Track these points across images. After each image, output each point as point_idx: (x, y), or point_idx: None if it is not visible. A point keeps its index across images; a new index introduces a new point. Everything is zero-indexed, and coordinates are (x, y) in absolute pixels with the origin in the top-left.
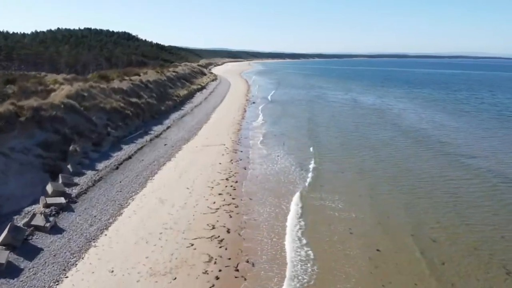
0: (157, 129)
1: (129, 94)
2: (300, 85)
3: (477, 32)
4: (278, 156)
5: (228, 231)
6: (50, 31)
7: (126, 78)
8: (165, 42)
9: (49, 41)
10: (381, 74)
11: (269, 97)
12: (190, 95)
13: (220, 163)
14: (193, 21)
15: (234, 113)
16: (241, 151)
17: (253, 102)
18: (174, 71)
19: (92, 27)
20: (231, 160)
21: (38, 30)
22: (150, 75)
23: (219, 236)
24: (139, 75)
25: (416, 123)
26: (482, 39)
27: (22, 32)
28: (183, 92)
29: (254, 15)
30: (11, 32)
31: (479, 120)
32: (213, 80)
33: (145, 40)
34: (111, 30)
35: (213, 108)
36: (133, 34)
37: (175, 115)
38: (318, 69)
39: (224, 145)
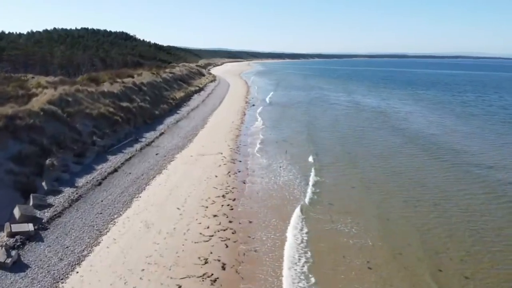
0: (149, 136)
1: (120, 97)
2: (300, 86)
3: (476, 32)
4: (280, 167)
5: (223, 267)
6: (46, 31)
7: (118, 80)
8: (165, 42)
9: (44, 41)
10: (382, 75)
11: (269, 99)
12: (187, 98)
13: (216, 176)
14: (192, 21)
15: (233, 116)
16: (240, 161)
17: (253, 105)
18: (170, 72)
19: (90, 27)
20: (229, 172)
21: (34, 30)
22: (144, 76)
23: (212, 275)
24: (133, 77)
25: (425, 128)
26: (482, 39)
27: (18, 32)
28: (179, 94)
29: (254, 15)
30: (6, 32)
31: (491, 125)
32: (211, 81)
33: (143, 40)
34: (108, 30)
35: (211, 111)
36: (131, 34)
37: (169, 120)
38: (318, 69)
39: (221, 154)
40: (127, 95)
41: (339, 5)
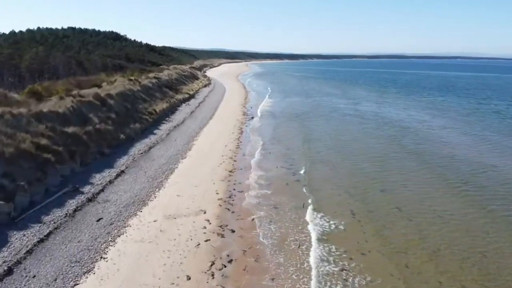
0: (100, 179)
1: (66, 120)
2: (304, 91)
3: (473, 32)
4: (300, 244)
5: None
6: (29, 30)
7: (73, 93)
8: (163, 42)
9: (26, 41)
10: (388, 77)
11: (270, 109)
12: (172, 109)
13: (188, 278)
14: (190, 21)
15: (227, 136)
16: (233, 231)
17: (252, 117)
18: (155, 77)
19: (77, 27)
20: (212, 263)
21: (17, 30)
22: (117, 85)
23: None
24: (99, 87)
25: (477, 155)
26: (479, 39)
27: (1, 33)
28: (161, 106)
29: (252, 15)
30: None
31: None
32: (205, 86)
33: (134, 40)
34: (97, 29)
35: (200, 128)
36: (122, 34)
37: (139, 146)
38: (319, 71)
39: (204, 212)
40: (80, 114)
41: (336, 5)
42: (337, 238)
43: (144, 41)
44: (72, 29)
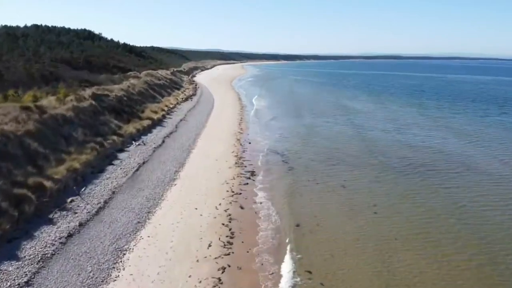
0: None
1: None
2: (319, 106)
3: (471, 32)
4: None
5: None
6: None
7: None
8: (160, 43)
9: None
10: (409, 83)
11: (280, 146)
12: (100, 163)
13: None
14: (188, 22)
15: (198, 259)
16: None
17: (252, 173)
18: (96, 95)
19: (44, 24)
20: None
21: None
22: None
23: None
24: None
25: None
26: (476, 39)
27: None
28: (74, 163)
29: (249, 15)
30: None
31: None
32: (187, 99)
33: (111, 39)
34: (67, 27)
35: (135, 228)
36: (96, 32)
37: None
38: (322, 74)
39: None
40: None
41: (334, 5)
42: None
43: (144, 42)
44: (36, 26)
